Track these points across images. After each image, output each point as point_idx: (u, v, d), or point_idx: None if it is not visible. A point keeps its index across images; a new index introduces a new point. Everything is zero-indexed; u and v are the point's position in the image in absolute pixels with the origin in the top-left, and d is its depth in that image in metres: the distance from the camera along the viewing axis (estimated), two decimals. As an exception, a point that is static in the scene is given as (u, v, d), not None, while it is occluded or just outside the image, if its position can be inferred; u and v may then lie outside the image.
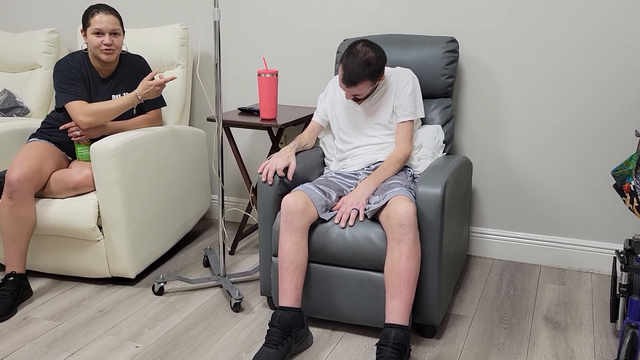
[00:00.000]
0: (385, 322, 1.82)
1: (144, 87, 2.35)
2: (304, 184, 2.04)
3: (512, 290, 2.40)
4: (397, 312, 1.80)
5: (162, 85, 2.36)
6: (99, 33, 2.35)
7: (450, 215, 2.04)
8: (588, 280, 2.48)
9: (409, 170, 2.19)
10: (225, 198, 3.17)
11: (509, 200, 2.64)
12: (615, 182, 1.98)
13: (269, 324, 1.88)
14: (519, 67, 2.50)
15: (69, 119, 2.43)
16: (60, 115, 2.48)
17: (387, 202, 1.89)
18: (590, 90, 2.42)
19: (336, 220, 1.98)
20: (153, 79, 2.35)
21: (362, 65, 2.02)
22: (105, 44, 2.36)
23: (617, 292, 1.93)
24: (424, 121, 2.42)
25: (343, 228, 1.96)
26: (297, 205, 1.92)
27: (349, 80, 2.04)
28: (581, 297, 2.34)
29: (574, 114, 2.47)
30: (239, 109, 2.72)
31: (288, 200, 1.94)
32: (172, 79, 2.36)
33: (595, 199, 2.50)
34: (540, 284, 2.45)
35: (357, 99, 2.21)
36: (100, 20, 2.34)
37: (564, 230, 2.58)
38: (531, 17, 2.43)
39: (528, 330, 2.09)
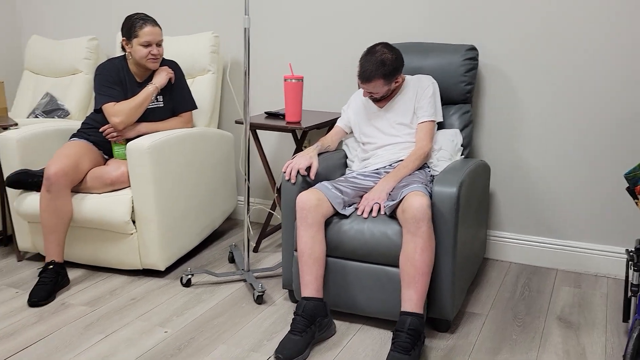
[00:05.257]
0: (401, 310, 1.91)
1: (159, 77, 2.61)
2: (320, 183, 2.15)
3: (527, 291, 2.45)
4: (412, 300, 1.89)
5: (169, 70, 2.66)
6: (147, 44, 2.51)
7: (465, 215, 2.12)
8: (604, 284, 2.52)
9: (429, 170, 2.28)
10: (251, 199, 3.30)
11: (527, 204, 2.70)
12: (628, 185, 2.04)
13: (294, 313, 1.99)
14: (537, 73, 2.58)
15: (107, 120, 2.59)
16: (98, 116, 2.64)
17: (403, 198, 1.99)
18: (605, 96, 2.48)
19: (359, 212, 2.09)
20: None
21: (377, 64, 2.15)
22: (152, 54, 2.53)
23: (629, 292, 1.98)
24: (442, 126, 2.51)
25: (366, 218, 2.07)
26: (310, 201, 2.03)
27: (364, 77, 2.18)
28: (596, 299, 2.38)
29: (589, 119, 2.53)
30: (265, 112, 2.85)
31: (302, 197, 2.06)
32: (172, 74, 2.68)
33: (611, 203, 2.55)
34: (555, 286, 2.50)
35: (375, 99, 2.31)
36: (150, 32, 2.52)
37: (581, 234, 2.62)
38: (549, 25, 2.51)
39: (541, 329, 2.14)
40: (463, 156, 2.47)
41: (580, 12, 2.45)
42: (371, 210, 2.09)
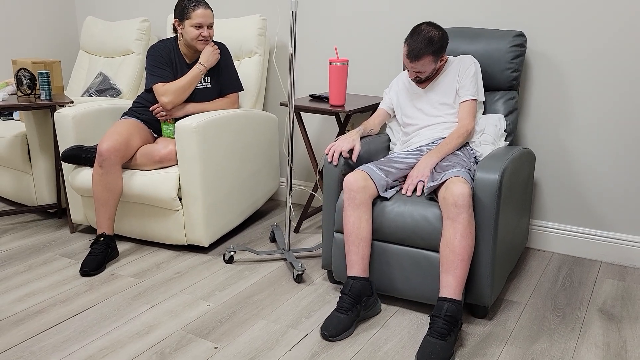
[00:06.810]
0: (439, 295, 1.92)
1: (205, 56, 2.63)
2: (365, 164, 2.18)
3: (568, 282, 2.42)
4: (450, 286, 1.90)
5: (216, 48, 2.67)
6: (199, 26, 2.58)
7: (507, 202, 2.10)
8: (650, 279, 2.46)
9: (472, 151, 2.27)
10: (293, 180, 3.35)
11: (571, 194, 2.65)
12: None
13: (340, 292, 2.04)
14: (587, 61, 2.51)
15: (157, 100, 2.67)
16: (149, 95, 2.73)
17: (444, 181, 1.99)
18: (662, 86, 2.40)
19: (403, 191, 2.12)
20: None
21: (426, 42, 2.17)
22: (202, 36, 2.60)
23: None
24: (486, 111, 2.49)
25: (410, 197, 2.09)
26: (357, 182, 2.06)
27: (413, 55, 2.18)
28: (640, 293, 2.33)
29: (643, 110, 2.45)
30: (310, 95, 2.88)
31: (349, 178, 2.08)
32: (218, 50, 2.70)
33: (662, 197, 2.48)
34: (598, 278, 2.46)
35: (420, 80, 2.31)
36: (202, 14, 2.58)
37: (628, 226, 2.56)
38: (602, 13, 2.44)
39: (581, 320, 2.12)
40: (507, 143, 2.44)
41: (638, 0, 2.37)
42: (415, 189, 2.10)
